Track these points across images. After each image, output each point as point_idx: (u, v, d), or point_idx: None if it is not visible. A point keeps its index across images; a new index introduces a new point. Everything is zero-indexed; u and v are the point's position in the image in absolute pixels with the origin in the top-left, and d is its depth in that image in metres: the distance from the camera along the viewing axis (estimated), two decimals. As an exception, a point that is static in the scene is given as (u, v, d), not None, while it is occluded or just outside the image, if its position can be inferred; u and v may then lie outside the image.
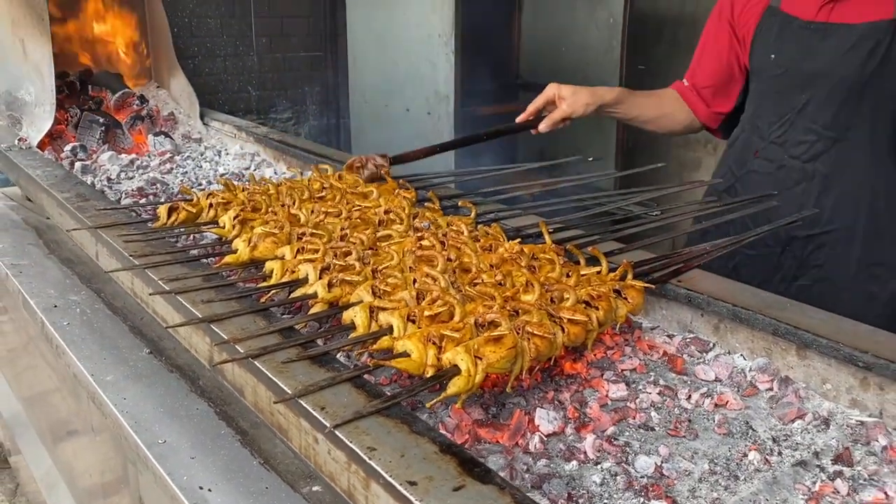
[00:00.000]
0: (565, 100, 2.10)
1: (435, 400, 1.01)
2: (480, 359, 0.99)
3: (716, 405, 1.21)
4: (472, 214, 1.70)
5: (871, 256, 1.93)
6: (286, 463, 1.19)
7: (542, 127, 2.15)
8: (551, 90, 2.13)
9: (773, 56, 1.98)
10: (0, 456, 3.20)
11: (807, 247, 1.97)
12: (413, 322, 1.11)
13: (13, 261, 2.09)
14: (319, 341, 1.16)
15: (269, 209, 1.64)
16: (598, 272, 1.36)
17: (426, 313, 1.12)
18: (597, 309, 1.21)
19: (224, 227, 1.58)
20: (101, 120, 2.74)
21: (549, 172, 2.70)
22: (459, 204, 1.82)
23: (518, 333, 1.05)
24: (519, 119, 2.19)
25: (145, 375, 1.47)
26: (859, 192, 1.92)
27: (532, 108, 2.17)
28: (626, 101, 2.18)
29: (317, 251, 1.36)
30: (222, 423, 1.31)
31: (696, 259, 1.52)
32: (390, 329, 1.10)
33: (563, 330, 1.13)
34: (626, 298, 1.29)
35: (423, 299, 1.17)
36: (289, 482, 1.15)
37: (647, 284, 1.33)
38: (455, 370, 0.99)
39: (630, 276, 1.34)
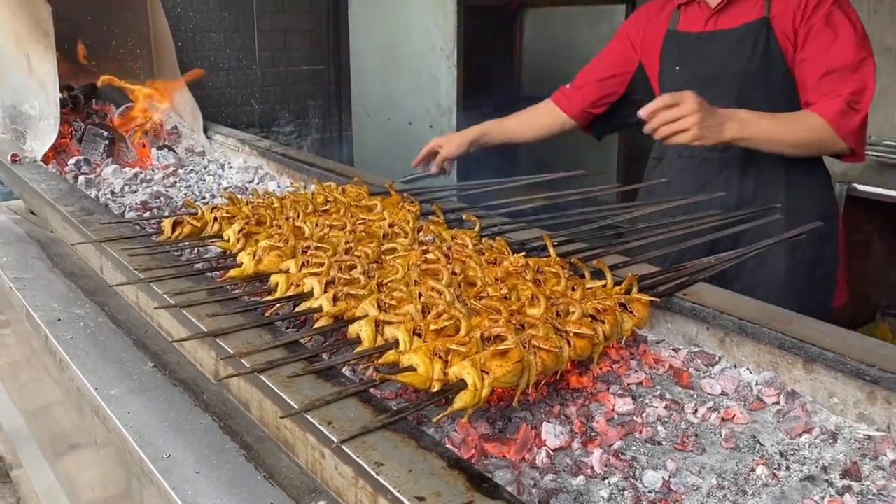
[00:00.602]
0: (442, 146, 2.52)
1: (441, 415, 1.01)
2: (487, 373, 0.99)
3: (722, 419, 1.20)
4: (477, 228, 1.70)
5: (793, 228, 1.95)
6: (291, 478, 1.19)
7: (434, 168, 2.56)
8: (432, 142, 2.56)
9: (677, 68, 2.24)
10: (1, 470, 3.18)
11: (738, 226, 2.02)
12: (419, 336, 1.11)
13: (17, 274, 2.09)
14: (324, 355, 1.16)
15: (274, 222, 1.65)
16: (604, 286, 1.36)
17: (432, 327, 1.12)
18: (602, 322, 1.21)
19: (228, 241, 1.58)
20: (105, 133, 2.75)
21: (550, 185, 2.70)
22: (464, 217, 1.82)
23: (524, 347, 1.05)
24: (413, 163, 2.58)
25: (149, 389, 1.46)
26: (775, 171, 2.12)
27: (420, 157, 2.56)
28: (493, 132, 2.59)
29: (321, 265, 1.36)
30: (227, 437, 1.30)
31: (701, 272, 1.52)
32: (396, 343, 1.10)
33: (569, 344, 1.13)
34: (631, 312, 1.29)
35: (429, 313, 1.17)
36: (294, 497, 1.14)
37: (652, 298, 1.33)
38: (461, 384, 0.98)
39: (635, 289, 1.34)
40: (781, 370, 1.31)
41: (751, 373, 1.34)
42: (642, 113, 1.87)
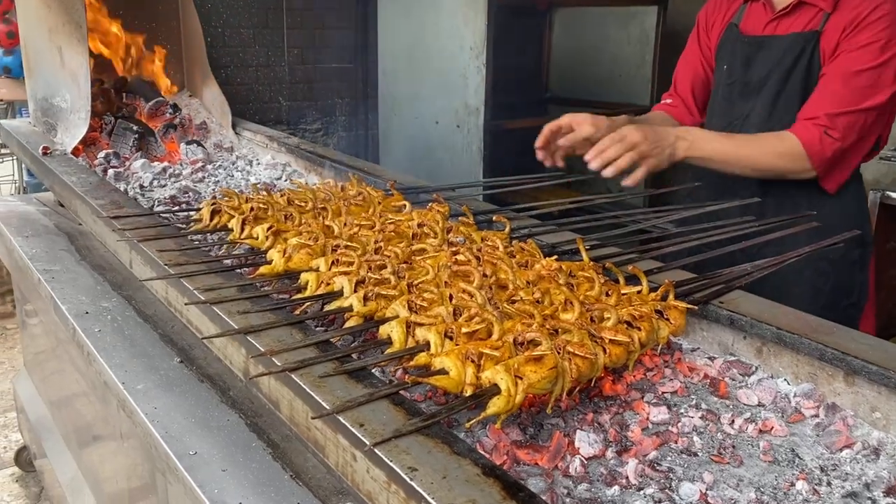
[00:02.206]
0: (585, 121, 1.95)
1: (474, 420, 0.99)
2: (521, 378, 0.97)
3: (760, 431, 1.17)
4: (507, 230, 1.68)
5: (816, 252, 1.89)
6: (318, 478, 1.17)
7: (560, 154, 2.04)
8: (564, 118, 2.00)
9: (725, 67, 2.18)
10: (26, 459, 3.21)
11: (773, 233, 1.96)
12: (450, 338, 1.09)
13: (46, 266, 2.10)
14: (354, 355, 1.15)
15: (303, 221, 1.64)
16: (639, 291, 1.33)
17: (464, 330, 1.10)
18: (639, 329, 1.18)
19: (258, 239, 1.58)
20: (135, 128, 2.76)
21: (576, 187, 2.67)
22: (493, 219, 1.80)
23: (559, 353, 1.03)
24: (538, 144, 2.04)
25: (176, 385, 1.46)
26: (800, 192, 2.03)
27: (544, 135, 2.02)
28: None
29: (351, 263, 1.35)
30: (253, 435, 1.29)
31: (738, 280, 1.49)
32: (427, 345, 1.08)
33: (604, 350, 1.10)
34: (668, 319, 1.26)
35: (461, 315, 1.15)
36: (321, 498, 1.12)
37: (689, 306, 1.30)
38: (494, 389, 0.96)
39: (672, 296, 1.31)
40: (821, 382, 1.27)
41: (788, 384, 1.31)
42: (588, 157, 1.83)
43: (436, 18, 3.68)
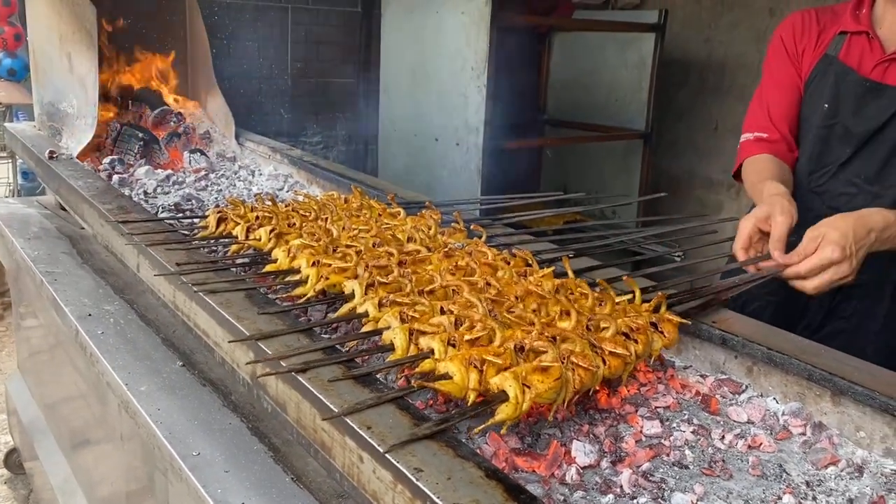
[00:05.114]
0: (777, 213, 1.67)
1: (482, 426, 1.02)
2: (528, 387, 1.00)
3: (749, 447, 1.21)
4: (483, 238, 1.73)
5: None
6: (318, 481, 1.20)
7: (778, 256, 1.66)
8: (755, 218, 1.71)
9: (826, 106, 1.95)
10: (16, 461, 3.21)
11: (835, 297, 1.95)
12: (453, 346, 1.12)
13: (48, 268, 2.12)
14: (358, 360, 1.18)
15: (304, 226, 1.70)
16: (630, 300, 1.37)
17: (466, 337, 1.13)
18: (635, 342, 1.22)
19: (261, 241, 1.62)
20: (140, 135, 2.80)
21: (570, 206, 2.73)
22: (472, 228, 1.83)
23: (563, 363, 1.07)
24: (740, 256, 1.72)
25: (178, 388, 1.49)
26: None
27: (743, 239, 1.71)
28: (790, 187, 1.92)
29: (357, 252, 1.41)
30: (255, 438, 1.32)
31: (726, 291, 1.53)
32: (431, 352, 1.12)
33: (604, 362, 1.14)
34: (662, 332, 1.30)
35: (462, 325, 1.19)
36: (321, 501, 1.16)
37: (683, 320, 1.34)
38: (502, 396, 0.99)
39: (664, 308, 1.34)
40: (808, 401, 1.31)
41: (777, 403, 1.35)
42: (792, 280, 1.59)
43: (439, 38, 3.75)
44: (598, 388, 1.21)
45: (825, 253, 1.54)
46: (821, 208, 1.96)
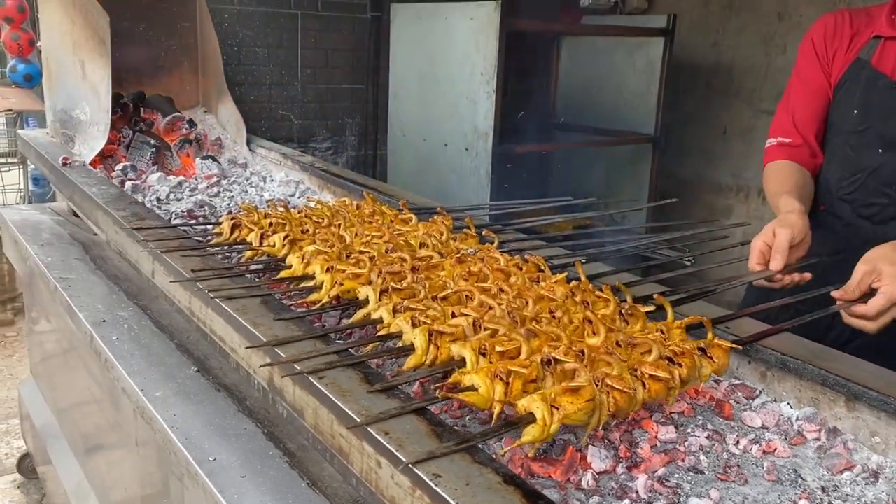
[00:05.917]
0: (779, 226, 1.65)
1: (508, 447, 1.02)
2: (557, 408, 0.98)
3: (764, 452, 1.21)
4: (495, 243, 1.73)
5: None
6: (334, 487, 1.21)
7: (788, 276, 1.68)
8: (758, 241, 1.67)
9: (855, 111, 1.90)
10: (28, 466, 3.23)
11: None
12: (483, 355, 1.11)
13: (62, 274, 2.14)
14: (374, 363, 1.19)
15: (317, 233, 1.71)
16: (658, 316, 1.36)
17: (497, 348, 1.11)
18: (679, 366, 1.17)
19: (275, 247, 1.63)
20: (153, 142, 2.82)
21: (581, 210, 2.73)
22: (483, 233, 1.83)
23: (597, 385, 1.04)
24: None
25: (193, 393, 1.50)
26: None
27: (755, 257, 1.68)
28: (806, 202, 1.88)
29: (371, 258, 1.42)
30: (270, 443, 1.33)
31: (787, 322, 1.45)
32: (461, 362, 1.11)
33: (643, 385, 1.10)
34: (710, 357, 1.24)
35: (479, 327, 1.19)
36: (337, 506, 1.16)
37: (733, 345, 1.29)
38: (529, 417, 0.98)
39: (710, 333, 1.28)
40: (823, 407, 1.31)
41: (791, 408, 1.35)
42: (849, 320, 1.52)
43: (448, 44, 3.76)
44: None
45: (891, 292, 1.45)
46: (850, 216, 1.93)
